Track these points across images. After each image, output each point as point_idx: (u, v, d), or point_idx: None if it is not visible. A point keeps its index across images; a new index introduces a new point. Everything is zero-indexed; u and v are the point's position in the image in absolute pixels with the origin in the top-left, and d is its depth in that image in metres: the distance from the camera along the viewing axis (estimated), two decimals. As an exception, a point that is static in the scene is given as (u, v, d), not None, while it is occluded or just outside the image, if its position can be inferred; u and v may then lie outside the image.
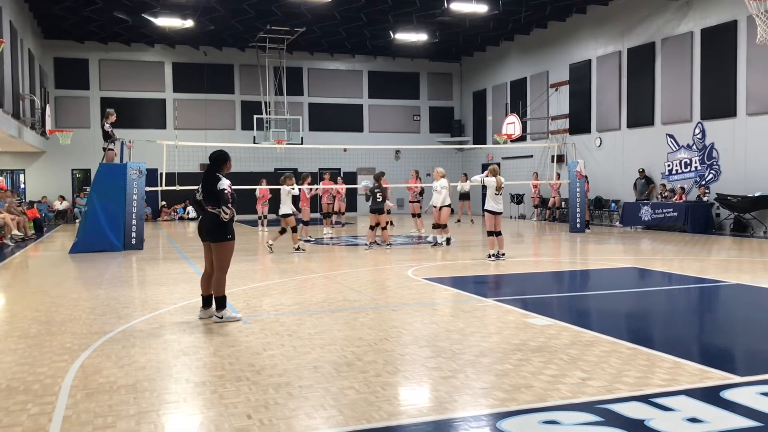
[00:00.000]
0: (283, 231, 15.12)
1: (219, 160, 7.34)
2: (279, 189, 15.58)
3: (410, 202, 20.02)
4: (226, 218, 7.19)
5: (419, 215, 19.31)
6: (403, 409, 4.49)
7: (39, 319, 7.59)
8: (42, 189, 27.66)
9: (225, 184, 7.21)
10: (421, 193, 20.38)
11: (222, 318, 7.25)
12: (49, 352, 6.09)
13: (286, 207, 15.09)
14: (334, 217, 22.44)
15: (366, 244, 15.53)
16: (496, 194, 12.92)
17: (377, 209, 15.28)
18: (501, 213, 13.12)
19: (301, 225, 18.59)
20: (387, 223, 15.95)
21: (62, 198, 27.83)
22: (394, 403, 4.57)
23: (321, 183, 22.04)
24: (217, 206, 7.19)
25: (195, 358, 5.82)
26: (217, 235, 7.25)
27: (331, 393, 4.77)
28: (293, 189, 15.28)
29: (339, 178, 24.01)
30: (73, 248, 15.20)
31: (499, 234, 13.11)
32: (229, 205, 7.20)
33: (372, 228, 15.46)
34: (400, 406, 4.52)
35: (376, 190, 15.33)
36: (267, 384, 4.99)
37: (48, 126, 23.61)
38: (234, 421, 4.22)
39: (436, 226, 15.70)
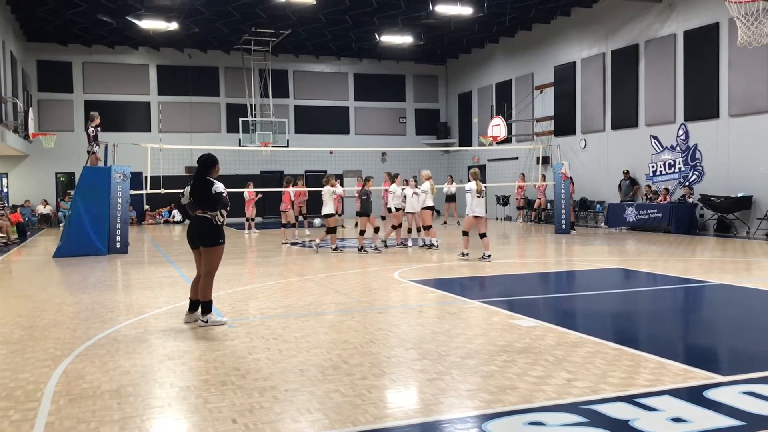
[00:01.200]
0: (330, 230, 15.28)
1: (209, 163, 7.28)
2: (283, 190, 15.64)
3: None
4: (221, 221, 7.16)
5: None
6: (389, 411, 4.48)
7: (21, 324, 7.52)
8: (25, 193, 27.42)
9: (221, 187, 7.16)
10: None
11: (207, 322, 7.21)
12: (31, 357, 6.03)
13: (328, 207, 15.17)
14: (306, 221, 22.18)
15: (372, 247, 15.48)
16: (478, 197, 13.04)
17: (365, 212, 15.33)
18: (483, 216, 13.25)
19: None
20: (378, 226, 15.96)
21: (45, 202, 27.60)
22: (380, 405, 4.57)
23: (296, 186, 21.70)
24: (210, 210, 7.13)
25: (180, 363, 5.78)
26: (208, 240, 7.18)
27: (316, 396, 4.76)
28: (336, 189, 15.41)
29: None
30: (57, 252, 15.08)
31: (484, 236, 13.21)
32: (227, 209, 7.18)
33: (362, 233, 15.38)
34: (385, 409, 4.52)
35: (363, 194, 15.36)
36: (252, 388, 4.97)
37: (31, 129, 23.40)
38: (219, 426, 4.20)
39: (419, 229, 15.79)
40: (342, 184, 22.41)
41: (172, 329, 7.14)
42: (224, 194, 7.13)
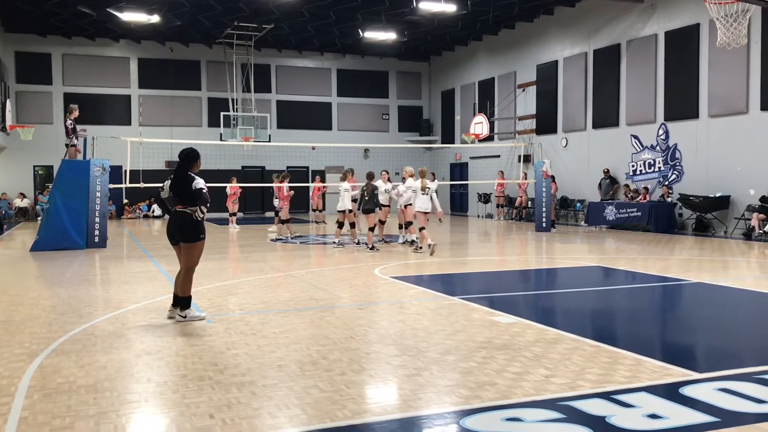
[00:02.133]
0: (350, 225, 15.47)
1: (191, 157, 7.19)
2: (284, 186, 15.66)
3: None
4: (200, 217, 7.09)
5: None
6: (368, 407, 4.48)
7: (-3, 319, 7.42)
8: (2, 186, 27.05)
9: (202, 183, 7.08)
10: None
11: (186, 317, 7.15)
12: (6, 352, 5.94)
13: (344, 202, 15.31)
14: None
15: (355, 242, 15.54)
16: (422, 194, 13.97)
17: (369, 209, 14.95)
18: (428, 212, 14.18)
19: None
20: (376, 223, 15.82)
21: (23, 195, 27.26)
22: (359, 401, 4.56)
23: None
24: (190, 205, 7.05)
25: (157, 358, 5.74)
26: (189, 235, 7.08)
27: (294, 392, 4.74)
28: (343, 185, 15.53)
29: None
30: (34, 246, 14.88)
31: (422, 229, 14.07)
32: (208, 205, 7.10)
33: (371, 229, 14.99)
34: (364, 405, 4.51)
35: (365, 190, 15.10)
36: (230, 383, 4.94)
37: (8, 121, 23.09)
38: (196, 421, 4.17)
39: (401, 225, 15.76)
40: (324, 180, 22.34)
41: (149, 324, 7.08)
42: (204, 190, 7.06)
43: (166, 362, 5.60)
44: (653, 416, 4.22)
